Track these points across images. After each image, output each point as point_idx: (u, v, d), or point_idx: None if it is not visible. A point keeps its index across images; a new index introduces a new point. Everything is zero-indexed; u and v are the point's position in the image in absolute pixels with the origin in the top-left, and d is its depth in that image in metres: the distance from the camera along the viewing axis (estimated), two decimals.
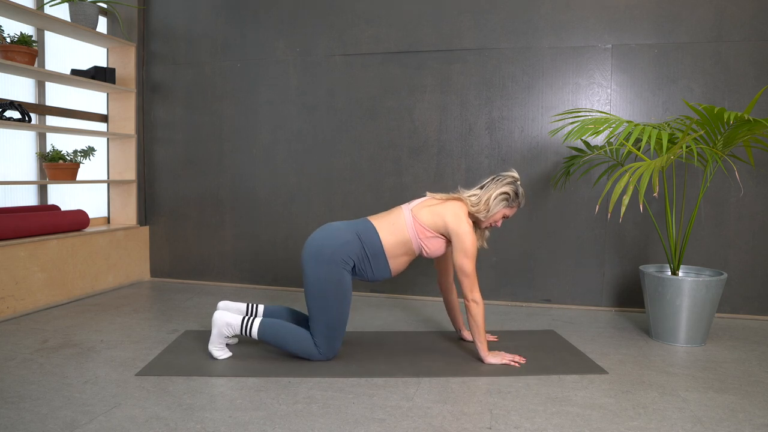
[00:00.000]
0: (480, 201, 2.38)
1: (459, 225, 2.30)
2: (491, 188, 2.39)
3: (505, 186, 2.38)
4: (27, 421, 1.78)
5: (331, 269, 2.27)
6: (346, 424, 1.80)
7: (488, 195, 2.37)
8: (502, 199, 2.38)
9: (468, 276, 2.29)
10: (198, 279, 4.02)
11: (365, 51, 3.62)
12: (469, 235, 2.29)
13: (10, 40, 3.11)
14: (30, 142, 3.53)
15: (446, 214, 2.33)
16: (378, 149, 3.63)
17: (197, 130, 3.95)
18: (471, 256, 2.29)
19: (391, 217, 2.40)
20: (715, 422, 1.85)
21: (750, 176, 3.17)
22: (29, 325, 2.86)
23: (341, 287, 2.28)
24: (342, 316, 2.31)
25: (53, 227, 3.33)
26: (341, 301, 2.29)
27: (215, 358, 2.36)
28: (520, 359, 2.35)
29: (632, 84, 3.28)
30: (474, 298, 2.29)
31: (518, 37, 3.40)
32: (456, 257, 2.30)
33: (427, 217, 2.35)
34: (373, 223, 2.38)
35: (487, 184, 2.43)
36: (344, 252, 2.29)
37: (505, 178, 2.41)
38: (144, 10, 3.99)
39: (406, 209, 2.41)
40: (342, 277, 2.29)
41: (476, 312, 2.29)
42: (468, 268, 2.28)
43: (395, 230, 2.35)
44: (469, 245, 2.29)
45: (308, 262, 2.30)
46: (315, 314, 2.30)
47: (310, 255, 2.30)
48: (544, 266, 3.45)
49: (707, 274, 2.80)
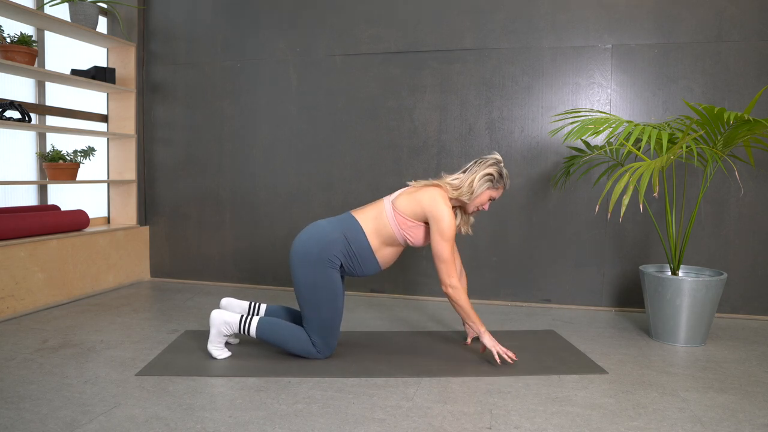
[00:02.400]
0: (463, 184, 2.36)
1: (435, 206, 2.27)
2: (474, 170, 2.38)
3: (489, 167, 2.37)
4: (27, 421, 1.78)
5: (319, 270, 2.27)
6: (346, 424, 1.80)
7: (471, 177, 2.36)
8: (487, 180, 2.36)
9: (444, 261, 2.26)
10: (198, 279, 4.02)
11: (365, 51, 3.62)
12: (447, 217, 2.26)
13: (10, 40, 3.11)
14: (30, 142, 3.53)
15: (423, 198, 2.30)
16: (378, 149, 3.63)
17: (197, 130, 3.95)
18: (448, 239, 2.25)
19: (374, 210, 2.38)
20: (715, 422, 1.85)
21: (750, 176, 3.17)
22: (29, 325, 2.86)
23: (330, 286, 2.28)
24: (334, 314, 2.31)
25: (53, 227, 3.33)
26: (332, 300, 2.29)
27: (214, 357, 2.36)
28: (513, 356, 2.30)
29: (632, 84, 3.28)
30: (451, 284, 2.27)
31: (518, 37, 3.40)
32: (433, 241, 2.28)
33: (406, 204, 2.32)
34: (357, 218, 2.36)
35: (470, 167, 2.41)
36: (330, 252, 2.28)
37: (487, 160, 2.40)
38: (144, 10, 3.99)
39: (387, 201, 2.39)
40: (330, 276, 2.29)
41: (457, 297, 2.28)
42: (444, 252, 2.25)
43: (379, 225, 2.34)
44: (446, 227, 2.25)
45: (295, 264, 2.30)
46: (307, 314, 2.31)
47: (297, 257, 2.30)
48: (544, 266, 3.45)
49: (707, 274, 2.80)
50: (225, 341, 2.43)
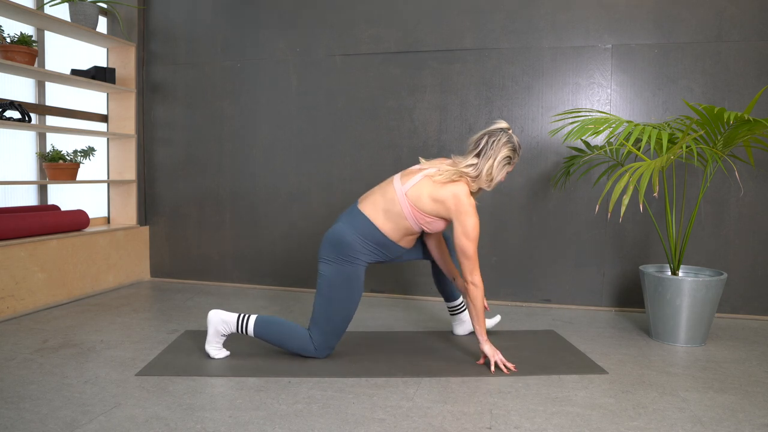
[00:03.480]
0: (481, 172, 2.28)
1: (460, 207, 2.23)
2: (489, 154, 2.27)
3: (504, 148, 2.27)
4: (27, 421, 1.78)
5: (339, 267, 2.27)
6: (346, 424, 1.80)
7: (489, 163, 2.27)
8: (506, 163, 2.31)
9: (469, 258, 2.24)
10: (198, 279, 4.02)
11: (365, 51, 3.62)
12: (472, 217, 2.22)
13: (10, 40, 3.11)
14: (30, 142, 3.53)
15: (447, 199, 2.24)
16: (378, 149, 3.63)
17: (197, 130, 3.95)
18: (473, 238, 2.23)
19: (383, 200, 2.30)
20: (715, 422, 1.85)
21: (750, 176, 3.17)
22: (29, 325, 2.86)
23: (352, 282, 2.28)
24: (344, 312, 2.30)
25: (53, 227, 3.33)
26: (346, 300, 2.29)
27: (212, 357, 2.36)
28: (512, 367, 2.27)
29: (632, 84, 3.28)
30: (473, 281, 2.25)
31: (518, 37, 3.40)
32: (457, 239, 2.24)
33: (427, 204, 2.26)
34: (366, 213, 2.30)
35: (484, 149, 2.28)
36: (349, 252, 2.28)
37: (500, 138, 2.27)
38: (144, 10, 3.99)
39: (398, 189, 2.29)
40: (355, 271, 2.28)
41: (475, 295, 2.26)
42: (469, 250, 2.23)
43: (392, 217, 2.29)
44: (471, 228, 2.22)
45: (320, 258, 2.32)
46: (318, 305, 2.30)
47: (320, 254, 2.32)
48: (544, 266, 3.45)
49: (707, 274, 2.80)
50: (223, 341, 2.42)
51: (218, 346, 2.37)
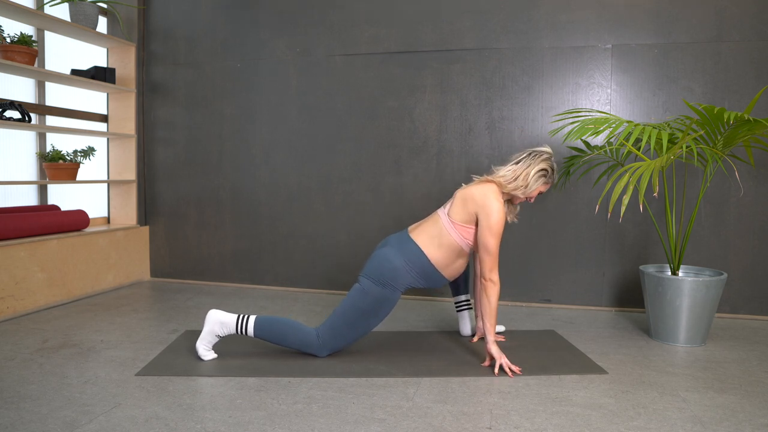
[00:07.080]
0: (517, 177, 2.35)
1: (486, 200, 2.28)
2: (528, 163, 2.36)
3: (543, 162, 2.36)
4: (27, 421, 1.78)
5: (383, 289, 2.31)
6: (346, 424, 1.80)
7: (526, 171, 2.34)
8: (541, 175, 2.37)
9: (490, 254, 2.26)
10: (198, 279, 4.02)
11: (365, 51, 3.62)
12: (496, 212, 2.26)
13: (10, 40, 3.11)
14: (30, 142, 3.53)
15: (475, 194, 2.31)
16: (378, 149, 3.63)
17: (197, 130, 3.95)
18: (496, 234, 2.26)
19: (433, 228, 2.37)
20: (715, 422, 1.85)
21: (750, 176, 3.17)
22: (29, 325, 2.86)
23: (383, 304, 2.32)
24: (364, 325, 2.34)
25: (53, 227, 3.33)
26: (375, 313, 2.32)
27: (200, 357, 2.34)
28: (517, 370, 2.26)
29: (632, 84, 3.28)
30: (492, 278, 2.27)
31: (518, 37, 3.40)
32: (481, 234, 2.27)
33: (460, 211, 2.33)
34: (417, 240, 2.36)
35: (523, 159, 2.38)
36: (395, 278, 2.31)
37: (541, 154, 2.38)
38: (144, 10, 3.99)
39: (443, 216, 2.38)
40: (390, 296, 2.32)
41: (492, 292, 2.27)
42: (492, 245, 2.26)
43: (441, 243, 2.34)
44: (495, 221, 2.25)
45: (365, 274, 2.34)
46: (343, 308, 2.33)
47: (364, 271, 2.35)
48: (544, 266, 3.45)
49: (707, 274, 2.80)
50: (215, 342, 2.39)
51: (209, 347, 2.36)
